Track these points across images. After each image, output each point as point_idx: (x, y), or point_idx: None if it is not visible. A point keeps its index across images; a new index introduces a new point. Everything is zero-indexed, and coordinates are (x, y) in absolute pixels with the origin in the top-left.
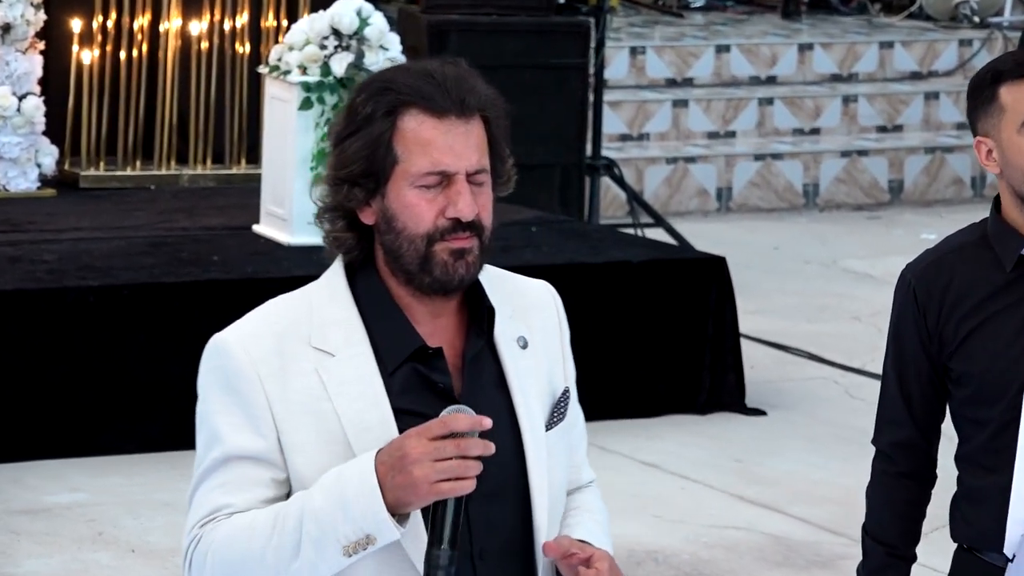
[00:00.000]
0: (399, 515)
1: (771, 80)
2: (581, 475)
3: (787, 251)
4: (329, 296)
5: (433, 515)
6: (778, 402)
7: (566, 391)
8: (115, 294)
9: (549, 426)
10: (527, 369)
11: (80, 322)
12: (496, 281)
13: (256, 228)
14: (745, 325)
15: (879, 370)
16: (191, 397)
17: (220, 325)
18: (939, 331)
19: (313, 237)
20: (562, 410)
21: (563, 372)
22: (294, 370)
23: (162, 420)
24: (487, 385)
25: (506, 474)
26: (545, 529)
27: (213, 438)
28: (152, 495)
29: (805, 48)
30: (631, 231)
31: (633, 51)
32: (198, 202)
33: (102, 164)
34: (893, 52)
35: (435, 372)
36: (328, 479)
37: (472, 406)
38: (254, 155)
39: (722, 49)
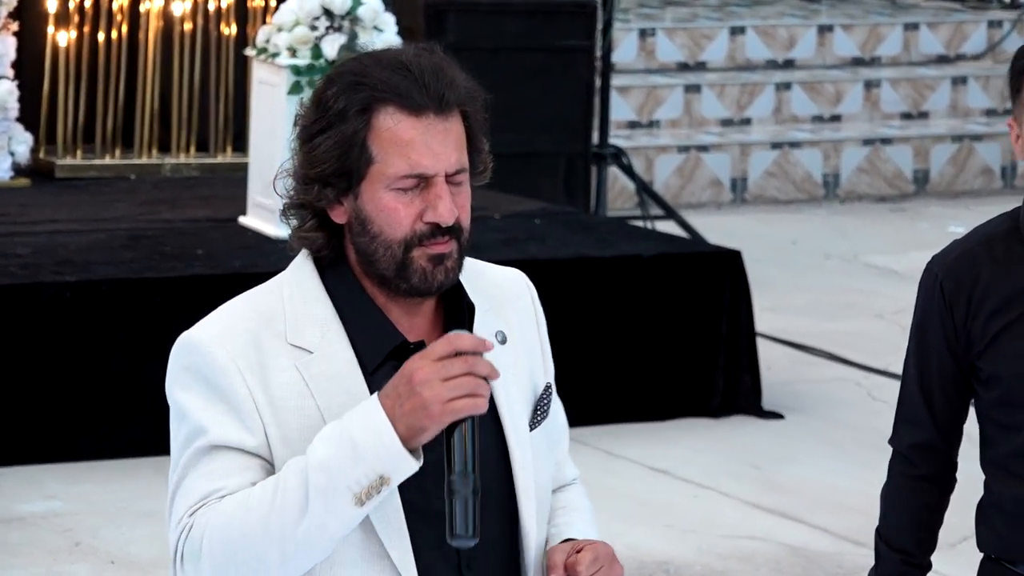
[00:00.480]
0: (412, 451)
1: (789, 64)
2: (564, 472)
3: (806, 245)
4: (301, 292)
5: (447, 444)
6: (796, 405)
7: (548, 387)
8: (93, 290)
9: (533, 425)
10: (507, 366)
11: (56, 320)
12: (471, 274)
13: (243, 220)
14: (761, 323)
15: (902, 370)
16: None
17: None
18: (967, 328)
19: None
20: (545, 408)
21: (543, 367)
22: (273, 366)
23: (143, 423)
24: None
25: (491, 478)
26: (533, 533)
27: (195, 432)
28: (133, 503)
29: (825, 30)
30: (640, 224)
31: (643, 33)
32: (181, 193)
33: (79, 152)
34: (918, 34)
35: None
36: (329, 428)
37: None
38: (240, 143)
39: (737, 31)
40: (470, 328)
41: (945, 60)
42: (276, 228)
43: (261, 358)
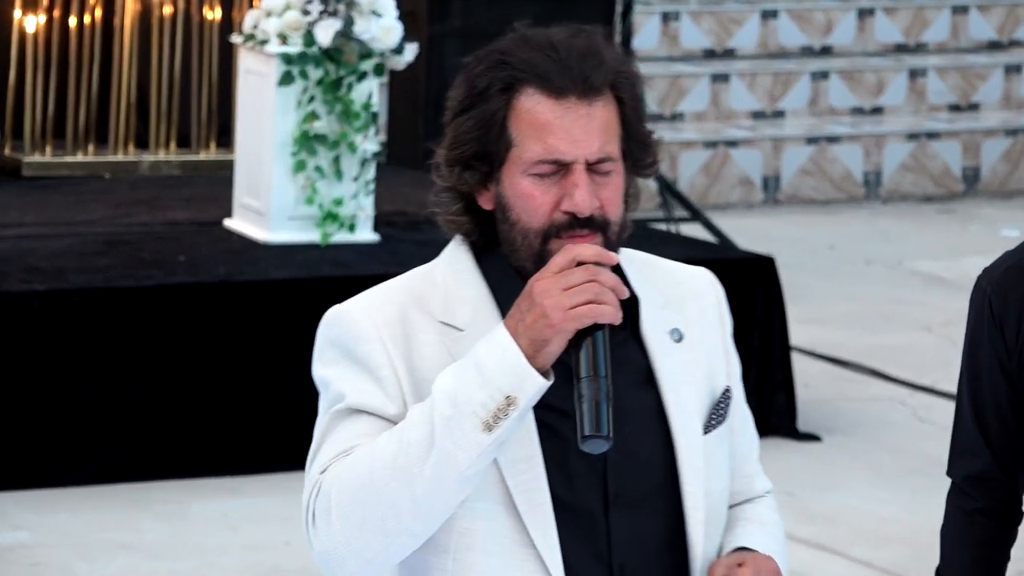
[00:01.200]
0: (543, 373)
1: (826, 51)
2: (754, 485)
3: (845, 250)
4: (454, 272)
5: (575, 359)
6: (835, 426)
7: (727, 390)
8: (65, 300)
9: (708, 428)
10: (681, 364)
11: (24, 333)
12: (644, 268)
13: (228, 223)
14: (796, 336)
15: (953, 389)
16: (152, 420)
17: (187, 335)
18: (1019, 347)
19: (294, 234)
20: (723, 411)
21: (725, 369)
22: (420, 340)
23: (119, 447)
24: (631, 381)
25: (654, 480)
26: (701, 545)
27: (334, 399)
28: (107, 534)
29: (866, 13)
30: (663, 227)
31: (665, 17)
32: (161, 193)
33: (49, 149)
34: (968, 18)
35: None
36: (455, 363)
37: (614, 403)
38: (225, 138)
39: (769, 15)
40: (635, 320)
41: (997, 46)
42: (265, 232)
43: (407, 331)
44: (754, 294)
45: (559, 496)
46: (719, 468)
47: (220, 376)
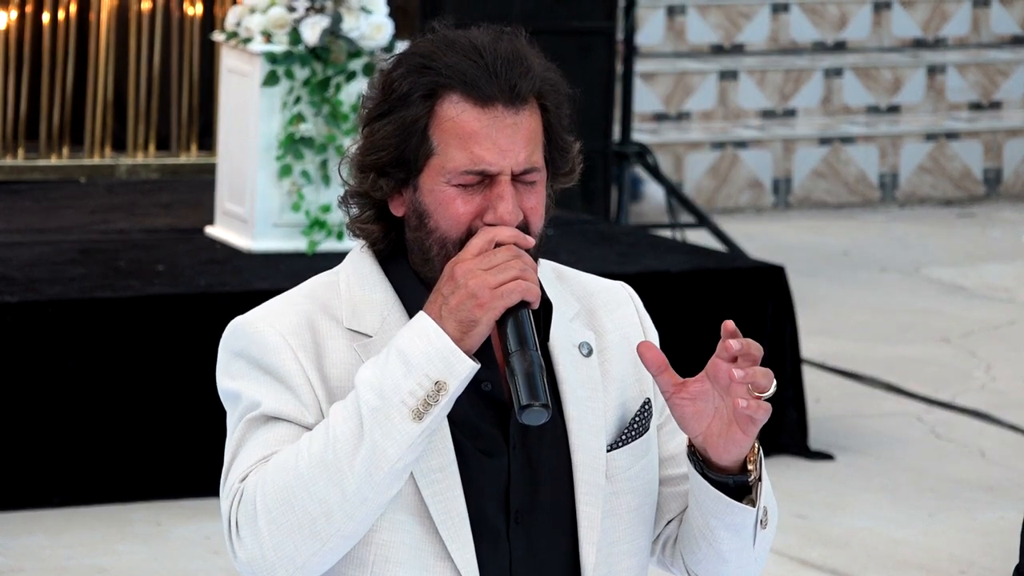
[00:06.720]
0: (468, 355)
1: (840, 46)
2: None
3: (859, 257)
4: (359, 279)
5: (501, 336)
6: (848, 444)
7: (646, 404)
8: (38, 312)
9: (618, 444)
10: (589, 379)
11: None
12: (554, 279)
13: (210, 231)
14: (807, 348)
15: (971, 404)
16: (129, 438)
17: (166, 349)
18: None
19: (279, 242)
20: (638, 426)
21: (649, 382)
22: (329, 347)
23: (95, 466)
24: None
25: (555, 498)
26: (592, 567)
27: (248, 407)
28: (84, 558)
29: (882, 7)
30: (668, 233)
31: (671, 11)
32: (139, 198)
33: (21, 151)
34: (989, 11)
35: (480, 368)
36: (376, 355)
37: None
38: (207, 140)
39: (780, 8)
40: (546, 333)
41: (1021, 41)
42: (248, 240)
43: (316, 339)
44: (763, 305)
45: (476, 519)
46: (632, 484)
47: (201, 392)
